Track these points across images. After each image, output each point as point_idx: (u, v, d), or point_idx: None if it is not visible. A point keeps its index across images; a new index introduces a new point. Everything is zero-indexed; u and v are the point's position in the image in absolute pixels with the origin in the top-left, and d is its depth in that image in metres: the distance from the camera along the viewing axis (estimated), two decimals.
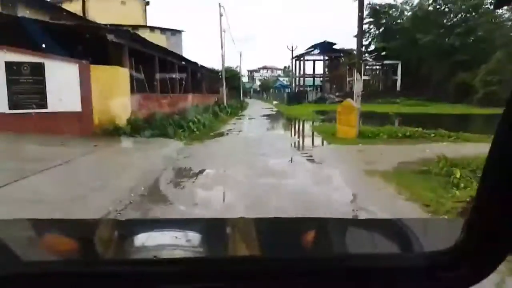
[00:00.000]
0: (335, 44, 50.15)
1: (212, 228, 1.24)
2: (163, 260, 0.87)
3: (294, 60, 49.82)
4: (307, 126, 20.44)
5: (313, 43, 52.10)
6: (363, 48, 65.24)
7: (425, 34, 48.64)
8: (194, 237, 1.12)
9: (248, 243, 1.08)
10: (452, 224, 1.50)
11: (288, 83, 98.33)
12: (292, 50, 48.22)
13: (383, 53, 53.01)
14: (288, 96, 49.24)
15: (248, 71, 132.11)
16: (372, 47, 61.39)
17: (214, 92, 34.14)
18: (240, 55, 59.43)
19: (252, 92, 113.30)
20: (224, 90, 27.79)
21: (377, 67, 59.80)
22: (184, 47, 40.86)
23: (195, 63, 24.97)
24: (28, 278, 0.76)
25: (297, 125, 22.52)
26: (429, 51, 47.91)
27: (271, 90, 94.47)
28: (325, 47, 49.76)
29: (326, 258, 0.89)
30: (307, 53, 50.83)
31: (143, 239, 1.12)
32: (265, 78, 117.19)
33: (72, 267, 0.82)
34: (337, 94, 51.26)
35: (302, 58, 52.50)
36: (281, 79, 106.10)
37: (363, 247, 1.05)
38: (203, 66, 28.15)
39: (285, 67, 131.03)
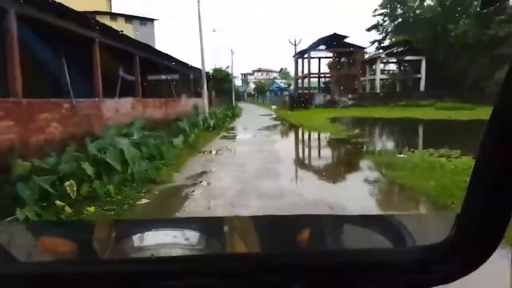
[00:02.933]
0: (346, 37, 41.11)
1: (208, 227, 1.23)
2: (160, 259, 0.88)
3: (296, 57, 40.56)
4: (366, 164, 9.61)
5: (315, 41, 42.88)
6: (376, 44, 56.62)
7: (455, 24, 39.95)
8: (191, 235, 1.12)
9: (243, 241, 1.07)
10: (444, 218, 1.45)
11: (286, 86, 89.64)
12: (295, 45, 39.18)
13: (401, 48, 44.01)
14: (291, 99, 40.01)
15: (242, 74, 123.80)
16: (386, 42, 52.83)
17: (197, 96, 24.97)
18: (232, 53, 50.02)
19: (246, 96, 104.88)
20: (204, 93, 18.54)
21: (394, 64, 50.97)
22: (160, 40, 31.46)
23: (165, 56, 15.79)
24: (27, 278, 0.77)
25: (338, 154, 12.93)
26: (462, 44, 39.04)
27: (267, 93, 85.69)
28: (335, 41, 40.64)
29: (320, 253, 0.91)
30: (313, 48, 41.65)
31: (140, 238, 1.12)
32: (260, 80, 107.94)
33: (70, 267, 0.82)
34: (349, 96, 42.10)
35: (306, 55, 43.34)
36: (277, 81, 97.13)
37: (357, 242, 1.07)
38: (182, 63, 18.85)
39: (281, 69, 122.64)
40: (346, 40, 41.88)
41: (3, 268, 0.81)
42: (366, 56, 53.84)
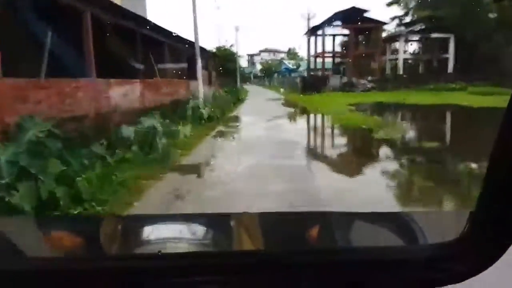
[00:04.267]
0: (366, 11, 36.14)
1: (216, 223, 1.22)
2: (168, 255, 0.87)
3: (309, 34, 35.77)
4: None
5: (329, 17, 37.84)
6: (397, 20, 51.37)
7: None
8: (198, 231, 1.11)
9: (251, 237, 1.05)
10: (457, 216, 1.50)
11: (295, 67, 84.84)
12: (309, 19, 34.38)
13: (425, 26, 39.01)
14: (304, 82, 35.49)
15: (248, 55, 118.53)
16: (407, 19, 47.68)
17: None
18: (236, 30, 45.30)
19: (252, 77, 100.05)
20: (199, 73, 14.14)
21: (415, 44, 45.95)
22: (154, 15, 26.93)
23: (141, 20, 11.48)
24: (33, 273, 0.77)
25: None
26: (501, 20, 34.09)
27: (275, 75, 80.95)
28: (353, 16, 35.71)
29: (330, 251, 0.90)
30: (328, 23, 36.78)
31: (147, 234, 1.12)
32: (267, 61, 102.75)
33: (76, 262, 0.83)
34: (369, 78, 37.45)
35: (320, 32, 38.52)
36: (286, 62, 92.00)
37: (367, 240, 1.04)
38: (173, 36, 14.42)
39: (289, 49, 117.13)
40: (365, 14, 36.90)
41: (10, 263, 0.79)
42: (385, 34, 49.03)
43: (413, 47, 46.59)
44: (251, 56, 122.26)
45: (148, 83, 11.48)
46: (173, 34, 14.41)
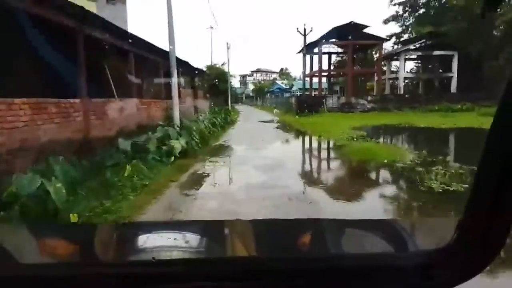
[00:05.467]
0: (366, 26, 33.76)
1: (209, 230, 1.23)
2: (161, 262, 0.88)
3: (304, 51, 33.17)
4: None
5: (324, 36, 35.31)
6: (394, 38, 49.30)
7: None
8: (192, 239, 1.11)
9: (244, 244, 1.07)
10: (445, 224, 1.45)
11: (288, 87, 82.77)
12: (305, 35, 31.68)
13: (422, 43, 36.81)
14: (298, 101, 32.74)
15: (241, 75, 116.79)
16: (405, 36, 45.70)
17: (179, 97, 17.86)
18: (228, 48, 42.85)
19: (244, 97, 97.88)
20: (174, 92, 10.93)
21: (413, 62, 43.82)
22: (136, 27, 24.23)
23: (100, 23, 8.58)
24: (28, 281, 0.76)
25: None
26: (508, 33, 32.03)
27: (267, 95, 78.68)
28: (351, 32, 33.38)
29: (322, 258, 0.90)
30: (326, 39, 34.34)
31: (141, 241, 1.12)
32: (260, 81, 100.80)
33: (71, 270, 0.82)
34: (368, 98, 34.91)
35: (316, 49, 36.09)
36: (278, 82, 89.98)
37: (359, 247, 1.06)
38: (146, 44, 11.51)
39: (281, 69, 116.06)
40: (365, 31, 34.63)
41: (5, 270, 0.79)
42: (383, 51, 46.94)
43: (410, 65, 44.68)
44: (243, 76, 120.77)
45: (93, 105, 8.07)
46: (144, 41, 11.45)
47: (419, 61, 43.20)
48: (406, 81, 41.84)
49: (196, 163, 9.01)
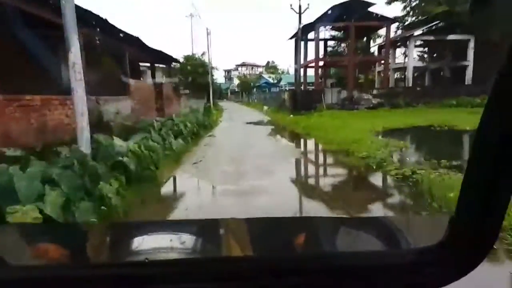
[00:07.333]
0: (371, 4, 28.44)
1: (204, 229, 1.22)
2: (155, 263, 0.86)
3: (299, 34, 27.61)
4: None
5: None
6: (396, 24, 43.90)
7: None
8: (186, 238, 1.10)
9: (239, 243, 1.05)
10: (438, 221, 1.34)
11: (275, 81, 77.29)
12: (300, 13, 26.17)
13: (434, 26, 31.75)
14: (294, 97, 27.31)
15: (225, 70, 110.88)
16: (409, 20, 40.57)
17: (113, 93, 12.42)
18: (208, 34, 37.16)
19: (229, 93, 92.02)
20: (74, 82, 5.60)
21: (422, 48, 38.76)
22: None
23: None
24: (19, 283, 0.75)
25: None
26: None
27: (254, 90, 73.11)
28: (354, 11, 27.98)
29: (316, 256, 0.90)
30: (324, 19, 28.84)
31: (135, 242, 1.10)
32: (245, 75, 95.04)
33: (63, 271, 0.81)
34: (374, 92, 29.74)
35: (312, 34, 30.68)
36: (265, 76, 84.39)
37: (352, 245, 1.06)
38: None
39: (268, 62, 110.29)
40: (370, 9, 29.35)
41: None
42: (380, 39, 41.80)
43: (414, 53, 39.59)
44: (228, 71, 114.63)
45: None
46: None
47: (426, 48, 38.19)
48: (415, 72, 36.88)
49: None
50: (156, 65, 21.16)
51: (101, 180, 5.02)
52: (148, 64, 20.45)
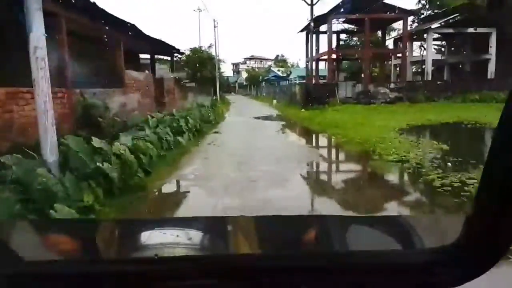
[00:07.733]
0: None
1: (213, 226, 1.21)
2: (164, 259, 0.86)
3: (312, 25, 26.07)
4: None
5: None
6: (410, 16, 41.81)
7: None
8: (195, 235, 1.09)
9: (248, 241, 1.05)
10: (453, 221, 1.38)
11: (285, 74, 75.47)
12: (312, 4, 24.62)
13: (453, 18, 29.94)
14: (306, 91, 25.80)
15: (233, 64, 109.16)
16: (424, 13, 38.67)
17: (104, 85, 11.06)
18: (215, 26, 35.68)
19: (237, 87, 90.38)
20: (35, 71, 4.48)
21: (439, 41, 36.95)
22: None
23: None
24: (30, 277, 0.76)
25: None
26: None
27: (262, 83, 71.48)
28: (368, 2, 26.33)
29: (325, 255, 0.89)
30: (337, 10, 27.24)
31: (144, 238, 1.11)
32: (254, 68, 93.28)
33: (74, 267, 0.81)
34: (391, 86, 28.14)
35: (325, 26, 29.10)
36: (274, 69, 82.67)
37: (363, 244, 1.03)
38: None
39: (277, 56, 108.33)
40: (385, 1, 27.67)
41: (7, 267, 0.78)
42: (394, 33, 39.98)
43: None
44: (236, 65, 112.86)
45: None
46: None
47: (444, 41, 36.37)
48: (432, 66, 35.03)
49: None
50: (159, 57, 19.78)
51: (58, 199, 3.69)
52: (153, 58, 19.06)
